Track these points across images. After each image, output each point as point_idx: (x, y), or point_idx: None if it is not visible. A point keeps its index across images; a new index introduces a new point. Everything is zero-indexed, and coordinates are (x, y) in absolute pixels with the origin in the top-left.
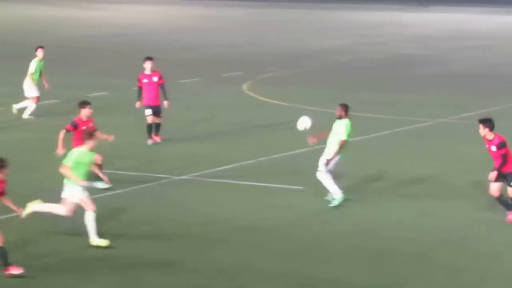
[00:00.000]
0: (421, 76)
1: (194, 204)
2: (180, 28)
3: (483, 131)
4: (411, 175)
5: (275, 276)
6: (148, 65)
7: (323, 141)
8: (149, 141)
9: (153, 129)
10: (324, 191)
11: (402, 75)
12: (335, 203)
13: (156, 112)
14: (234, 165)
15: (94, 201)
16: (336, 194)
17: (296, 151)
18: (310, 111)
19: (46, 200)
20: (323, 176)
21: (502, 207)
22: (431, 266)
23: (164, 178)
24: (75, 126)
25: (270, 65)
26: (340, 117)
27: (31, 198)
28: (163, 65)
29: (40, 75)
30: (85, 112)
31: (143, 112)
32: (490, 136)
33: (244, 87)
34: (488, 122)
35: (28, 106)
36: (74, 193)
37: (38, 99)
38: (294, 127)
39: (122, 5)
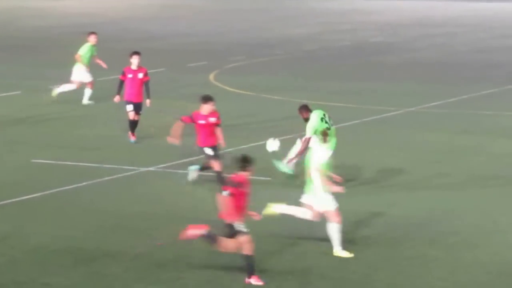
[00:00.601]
0: (388, 64)
1: (159, 196)
2: (144, 18)
3: None
4: (380, 165)
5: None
6: (135, 60)
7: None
8: (132, 139)
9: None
10: (290, 181)
11: (369, 64)
12: (281, 167)
13: (137, 109)
14: (200, 156)
15: (57, 194)
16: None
17: (263, 141)
18: (277, 100)
19: None
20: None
21: (472, 197)
22: (401, 257)
23: (131, 170)
24: (192, 119)
25: (236, 54)
26: (306, 119)
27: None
28: (127, 55)
29: (90, 59)
30: (207, 108)
31: (111, 103)
32: None
33: (211, 77)
34: None
35: (85, 92)
36: (325, 201)
37: (92, 83)
38: (260, 117)
39: None
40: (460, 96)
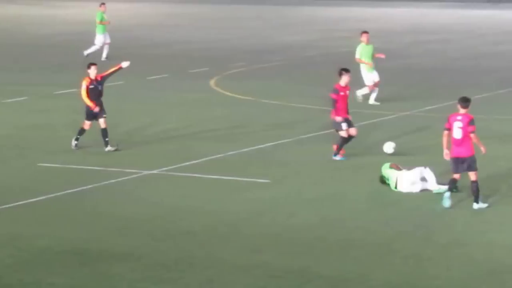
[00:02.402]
0: (384, 70)
1: (162, 198)
2: (147, 25)
3: None
4: (372, 168)
5: (245, 269)
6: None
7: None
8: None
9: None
10: (289, 183)
11: None
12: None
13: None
14: (202, 159)
15: (62, 197)
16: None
17: (263, 145)
18: (276, 105)
19: None
20: None
21: (464, 198)
22: (396, 256)
23: (134, 173)
24: (337, 93)
25: (236, 61)
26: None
27: None
28: (131, 61)
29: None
30: (344, 79)
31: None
32: None
33: (211, 82)
34: None
35: (372, 92)
36: None
37: (378, 83)
38: (260, 122)
39: (88, 3)
40: (454, 101)
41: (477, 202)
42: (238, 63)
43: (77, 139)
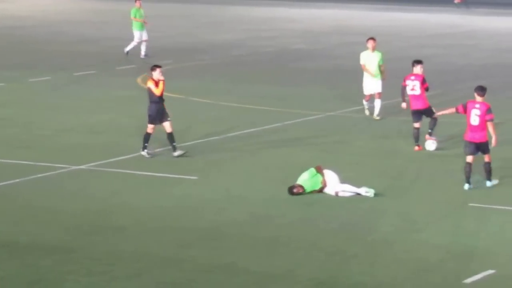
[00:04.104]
0: (310, 70)
1: (91, 193)
2: (75, 21)
3: None
4: (299, 167)
5: (173, 263)
6: None
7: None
8: None
9: None
10: (217, 180)
11: (292, 69)
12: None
13: None
14: (130, 155)
15: None
16: None
17: (191, 142)
18: (204, 103)
19: None
20: None
21: (391, 198)
22: (322, 253)
23: (62, 168)
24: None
25: (164, 58)
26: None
27: None
28: (58, 57)
29: None
30: (417, 70)
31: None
32: None
33: (139, 80)
34: None
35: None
36: None
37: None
38: (189, 119)
39: None
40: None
41: (490, 180)
42: (166, 61)
43: (145, 147)
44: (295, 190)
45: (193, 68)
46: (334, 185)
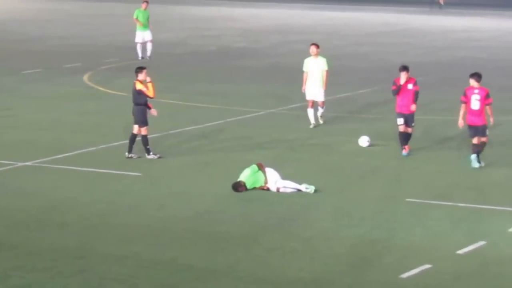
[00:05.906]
0: (251, 69)
1: (36, 189)
2: (20, 20)
3: None
4: (240, 163)
5: (116, 259)
6: None
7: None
8: None
9: None
10: (159, 177)
11: (234, 67)
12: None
13: None
14: (74, 152)
15: None
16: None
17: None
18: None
19: None
20: None
21: (328, 194)
22: (261, 248)
23: (7, 164)
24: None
25: (109, 56)
26: None
27: None
28: (5, 56)
29: None
30: (403, 75)
31: None
32: None
33: (85, 77)
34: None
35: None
36: None
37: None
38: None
39: None
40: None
41: (479, 162)
42: (110, 59)
43: (149, 150)
44: (240, 189)
45: (136, 66)
46: (275, 180)
